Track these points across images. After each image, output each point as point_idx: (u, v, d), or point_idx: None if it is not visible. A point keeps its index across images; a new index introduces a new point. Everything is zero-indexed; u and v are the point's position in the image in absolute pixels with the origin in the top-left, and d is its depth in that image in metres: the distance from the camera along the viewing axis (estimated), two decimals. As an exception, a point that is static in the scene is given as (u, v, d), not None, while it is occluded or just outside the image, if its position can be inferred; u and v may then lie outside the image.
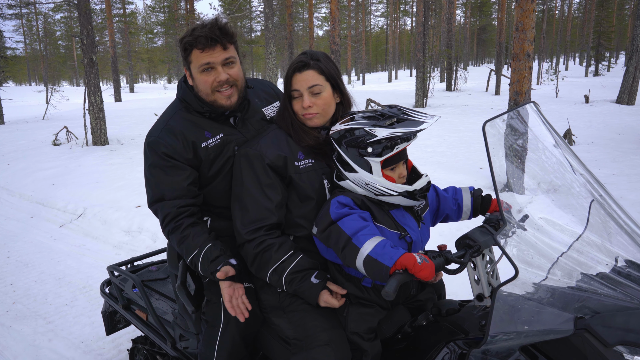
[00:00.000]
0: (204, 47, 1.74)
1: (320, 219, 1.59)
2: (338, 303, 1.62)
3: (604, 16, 36.60)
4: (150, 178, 1.85)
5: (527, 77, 5.71)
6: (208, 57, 1.75)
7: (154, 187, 1.83)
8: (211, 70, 1.77)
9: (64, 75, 61.07)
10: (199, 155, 1.83)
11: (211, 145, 1.84)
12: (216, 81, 1.78)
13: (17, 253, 4.89)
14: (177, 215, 1.80)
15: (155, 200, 1.83)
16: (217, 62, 1.77)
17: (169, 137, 1.81)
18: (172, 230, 1.80)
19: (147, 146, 1.86)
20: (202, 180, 1.89)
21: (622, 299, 1.18)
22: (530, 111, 1.50)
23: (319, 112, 1.70)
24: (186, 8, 22.68)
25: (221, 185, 1.86)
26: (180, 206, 1.80)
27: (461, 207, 1.85)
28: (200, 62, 1.76)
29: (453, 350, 1.43)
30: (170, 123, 1.86)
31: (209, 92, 1.80)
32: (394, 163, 1.58)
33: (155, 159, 1.82)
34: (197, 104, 1.85)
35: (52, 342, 3.20)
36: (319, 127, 1.75)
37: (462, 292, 2.39)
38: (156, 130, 1.87)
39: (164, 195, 1.81)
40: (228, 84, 1.79)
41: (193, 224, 1.81)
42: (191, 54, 1.77)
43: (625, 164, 7.08)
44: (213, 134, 1.85)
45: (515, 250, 1.25)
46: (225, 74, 1.78)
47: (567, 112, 12.98)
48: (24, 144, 11.22)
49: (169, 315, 2.32)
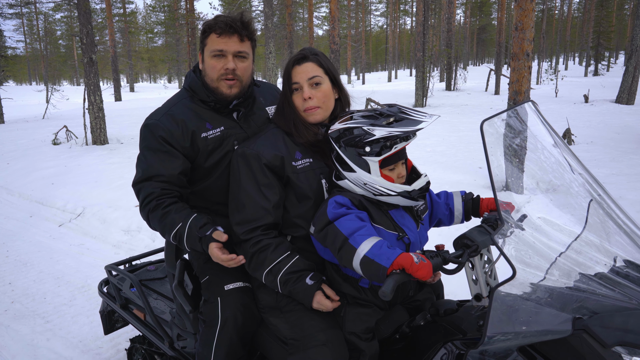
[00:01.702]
0: (222, 33, 1.77)
1: (317, 219, 1.58)
2: (331, 306, 1.61)
3: (603, 16, 36.58)
4: (142, 159, 1.85)
5: (527, 77, 5.71)
6: (223, 43, 1.78)
7: (144, 167, 1.83)
8: (222, 57, 1.80)
9: (64, 75, 61.05)
10: (197, 145, 1.84)
11: (210, 137, 1.85)
12: (223, 68, 1.80)
13: (16, 252, 4.88)
14: (161, 195, 1.80)
15: (142, 180, 1.82)
16: (230, 51, 1.79)
17: (169, 122, 1.83)
18: (153, 209, 1.78)
19: (144, 127, 1.87)
20: (199, 172, 1.89)
21: (621, 300, 1.18)
22: (529, 110, 1.49)
23: (319, 106, 1.70)
24: (186, 8, 22.66)
25: (219, 182, 1.86)
26: (165, 188, 1.80)
27: (453, 211, 1.85)
28: (214, 47, 1.79)
29: (451, 350, 1.43)
30: (173, 110, 1.87)
31: (214, 77, 1.82)
32: (393, 163, 1.57)
33: (151, 142, 1.83)
34: (204, 93, 1.87)
35: (50, 341, 3.20)
36: (319, 124, 1.74)
37: (460, 292, 2.39)
38: (157, 114, 1.88)
39: (152, 177, 1.81)
40: (234, 75, 1.81)
41: (175, 202, 1.81)
42: (208, 37, 1.81)
43: (624, 163, 7.07)
44: (214, 126, 1.86)
45: (513, 250, 1.24)
46: (233, 64, 1.80)
47: (567, 112, 12.97)
48: (23, 143, 11.21)
49: (167, 314, 2.31)
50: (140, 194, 1.84)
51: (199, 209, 1.91)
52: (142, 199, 1.83)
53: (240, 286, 1.83)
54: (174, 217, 1.76)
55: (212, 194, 1.90)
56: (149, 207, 1.80)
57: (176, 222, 1.75)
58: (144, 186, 1.82)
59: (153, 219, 1.81)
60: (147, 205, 1.80)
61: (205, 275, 1.91)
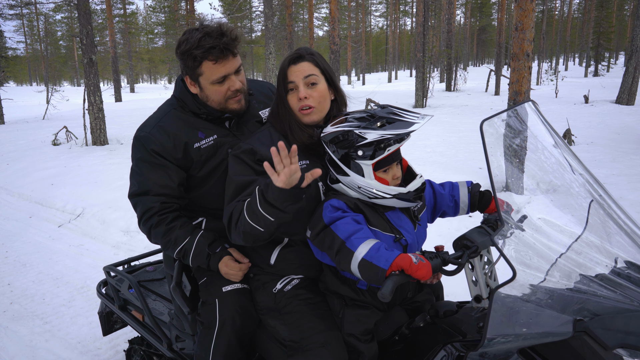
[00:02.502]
0: (217, 59, 1.70)
1: (313, 223, 1.57)
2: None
3: (603, 16, 36.60)
4: (137, 171, 1.83)
5: (527, 77, 5.70)
6: (223, 68, 1.72)
7: (140, 180, 1.82)
8: (225, 80, 1.75)
9: (64, 76, 61.10)
10: (190, 156, 1.81)
11: (204, 146, 1.82)
12: (230, 90, 1.77)
13: (16, 253, 4.88)
14: (161, 210, 1.80)
15: (139, 194, 1.81)
16: (231, 72, 1.75)
17: (161, 135, 1.80)
18: (156, 224, 1.78)
19: (136, 140, 1.85)
20: (193, 181, 1.87)
21: (622, 301, 1.16)
22: (529, 110, 1.48)
23: (315, 106, 1.66)
24: (186, 8, 22.67)
25: (215, 190, 1.84)
26: (164, 202, 1.80)
27: (458, 203, 1.82)
28: (215, 76, 1.73)
29: (450, 352, 1.41)
30: (164, 121, 1.84)
31: (221, 101, 1.79)
32: (387, 165, 1.55)
33: (144, 154, 1.81)
34: (194, 106, 1.83)
35: (49, 342, 3.19)
36: (314, 125, 1.71)
37: (460, 293, 2.38)
38: (148, 126, 1.85)
39: (149, 191, 1.80)
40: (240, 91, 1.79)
41: (179, 216, 1.82)
42: (202, 66, 1.72)
43: (624, 164, 7.06)
44: (207, 134, 1.84)
45: (513, 252, 1.23)
46: (239, 82, 1.77)
47: (567, 112, 12.96)
48: (23, 143, 11.21)
49: (165, 316, 2.30)
50: (137, 207, 1.83)
51: (196, 213, 1.90)
52: (141, 214, 1.82)
53: (238, 288, 1.81)
54: (178, 234, 1.77)
55: (208, 200, 1.89)
56: (150, 223, 1.80)
57: (181, 238, 1.77)
58: (141, 200, 1.81)
59: (155, 235, 1.81)
60: (149, 221, 1.80)
61: (203, 276, 1.90)
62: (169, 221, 1.79)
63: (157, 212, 1.79)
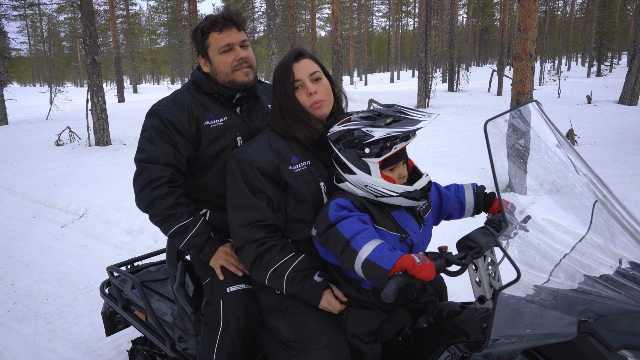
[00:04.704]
0: (222, 28, 1.84)
1: (319, 222, 1.57)
2: (339, 307, 1.60)
3: (606, 17, 36.47)
4: (148, 138, 1.86)
5: (530, 77, 5.69)
6: (227, 37, 1.85)
7: (151, 148, 1.84)
8: (230, 51, 1.87)
9: (67, 76, 61.27)
10: (201, 132, 1.88)
11: (213, 125, 1.90)
12: (236, 59, 1.87)
13: (19, 253, 4.89)
14: (172, 181, 1.83)
15: (148, 161, 1.83)
16: (236, 42, 1.87)
17: (177, 108, 1.88)
18: (164, 195, 1.80)
19: (152, 112, 1.90)
20: (203, 161, 1.92)
21: (627, 302, 1.16)
22: (533, 110, 1.47)
23: (324, 99, 1.70)
24: (189, 9, 22.70)
25: (221, 175, 1.87)
26: (174, 173, 1.85)
27: (464, 205, 1.82)
28: (220, 44, 1.86)
29: (454, 353, 1.41)
30: (180, 96, 1.93)
31: (228, 71, 1.88)
32: (393, 163, 1.55)
33: (158, 124, 1.85)
34: (208, 86, 1.93)
35: (52, 342, 3.19)
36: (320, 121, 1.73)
37: (463, 294, 2.37)
38: (164, 100, 1.93)
39: (159, 159, 1.82)
40: (246, 62, 1.89)
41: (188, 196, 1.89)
42: (209, 37, 1.87)
43: (628, 164, 7.03)
44: (217, 116, 1.92)
45: (517, 252, 1.22)
46: (244, 52, 1.88)
47: (570, 113, 12.93)
48: (27, 144, 11.25)
49: (169, 316, 2.30)
50: (143, 173, 1.83)
51: (200, 203, 1.93)
52: (147, 181, 1.82)
53: (242, 288, 1.82)
54: (184, 211, 1.82)
55: (214, 186, 1.93)
56: (158, 192, 1.80)
57: (186, 215, 1.82)
58: (148, 168, 1.82)
59: (159, 206, 1.80)
60: (156, 189, 1.80)
61: (207, 277, 1.90)
62: (178, 195, 1.83)
63: (167, 183, 1.82)
